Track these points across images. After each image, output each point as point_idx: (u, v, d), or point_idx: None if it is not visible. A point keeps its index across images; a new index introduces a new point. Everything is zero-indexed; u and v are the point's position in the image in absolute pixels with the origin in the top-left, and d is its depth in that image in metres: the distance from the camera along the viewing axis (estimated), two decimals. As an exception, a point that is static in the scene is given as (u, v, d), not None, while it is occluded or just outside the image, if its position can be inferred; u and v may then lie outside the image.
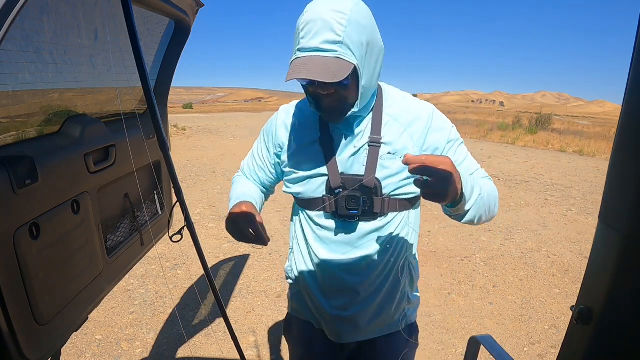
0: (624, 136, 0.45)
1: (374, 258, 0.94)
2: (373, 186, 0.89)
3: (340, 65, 0.76)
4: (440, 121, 0.93)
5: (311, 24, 0.77)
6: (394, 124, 0.91)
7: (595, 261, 0.51)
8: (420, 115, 0.92)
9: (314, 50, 0.77)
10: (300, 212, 1.02)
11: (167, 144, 1.07)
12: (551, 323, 2.61)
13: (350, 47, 0.77)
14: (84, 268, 1.07)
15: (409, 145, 0.90)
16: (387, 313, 0.99)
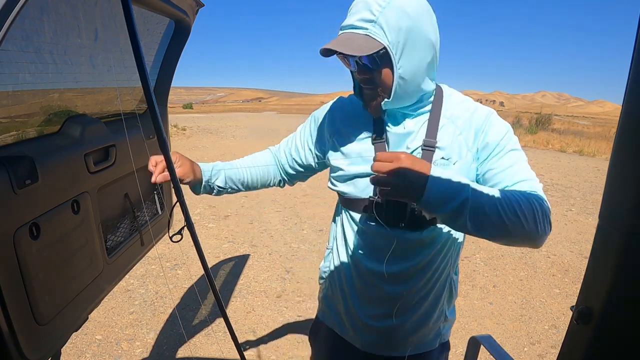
0: (624, 136, 0.45)
1: (417, 270, 0.89)
2: None
3: (367, 43, 0.75)
4: (495, 125, 0.86)
5: (354, 5, 0.79)
6: (450, 126, 0.86)
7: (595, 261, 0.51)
8: (477, 118, 0.86)
9: (349, 27, 0.78)
10: (344, 212, 0.97)
11: (167, 144, 1.07)
12: (551, 323, 2.61)
13: (384, 27, 0.75)
14: (84, 268, 1.07)
15: (463, 151, 0.85)
16: (423, 330, 0.95)
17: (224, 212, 4.74)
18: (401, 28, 0.75)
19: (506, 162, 0.83)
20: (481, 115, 0.87)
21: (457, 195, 0.69)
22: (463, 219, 0.69)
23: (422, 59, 0.80)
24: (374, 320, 0.93)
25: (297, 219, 4.51)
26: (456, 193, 0.69)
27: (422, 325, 0.94)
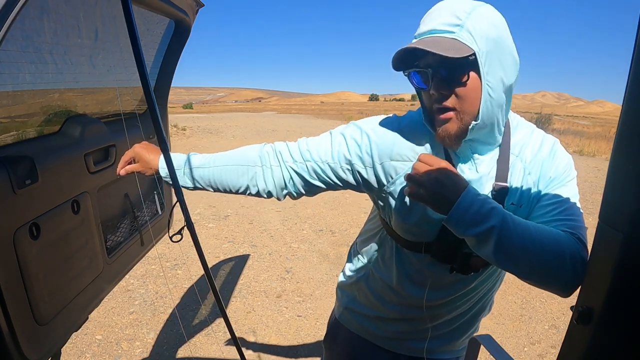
0: (624, 136, 0.45)
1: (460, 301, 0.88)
2: None
3: (456, 46, 0.64)
4: (559, 158, 0.78)
5: (433, 12, 0.68)
6: (518, 165, 0.76)
7: (595, 261, 0.51)
8: (542, 154, 0.77)
9: (429, 32, 0.66)
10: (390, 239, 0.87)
11: (167, 144, 1.07)
12: (551, 323, 2.61)
13: (472, 33, 0.64)
14: (84, 268, 1.07)
15: (532, 193, 0.76)
16: (456, 342, 0.97)
17: (224, 212, 4.74)
18: (489, 37, 0.65)
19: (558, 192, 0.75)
20: (547, 149, 0.78)
21: (484, 221, 0.63)
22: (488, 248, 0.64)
23: (508, 77, 0.69)
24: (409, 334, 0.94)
25: (297, 219, 4.50)
26: (484, 219, 0.63)
27: (454, 340, 0.96)
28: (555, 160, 0.77)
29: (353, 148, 0.79)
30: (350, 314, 1.01)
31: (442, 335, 0.94)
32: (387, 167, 0.77)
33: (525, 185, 0.76)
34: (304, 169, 0.82)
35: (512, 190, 0.75)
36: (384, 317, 0.94)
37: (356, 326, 1.00)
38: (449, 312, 0.90)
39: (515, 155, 0.77)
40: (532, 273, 0.66)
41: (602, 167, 8.61)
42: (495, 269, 0.86)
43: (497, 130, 0.73)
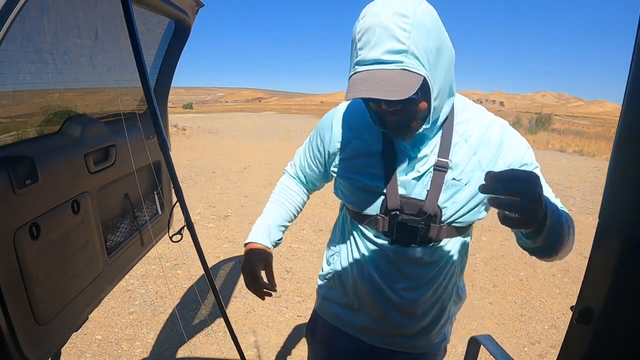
0: (623, 136, 0.45)
1: (424, 282, 0.89)
2: (433, 213, 0.81)
3: (408, 79, 0.66)
4: (513, 142, 0.82)
5: (369, 32, 0.66)
6: (464, 145, 0.81)
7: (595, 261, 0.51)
8: (492, 136, 0.81)
9: (375, 62, 0.67)
10: (352, 223, 0.94)
11: (167, 144, 1.07)
12: (551, 323, 2.61)
13: (417, 55, 0.66)
14: (84, 268, 1.07)
15: (475, 172, 0.80)
16: (430, 333, 0.96)
17: (224, 212, 4.74)
18: (431, 49, 0.68)
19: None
20: (496, 132, 0.82)
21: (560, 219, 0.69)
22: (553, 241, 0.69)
23: (448, 72, 0.74)
24: (382, 323, 0.93)
25: (297, 219, 4.49)
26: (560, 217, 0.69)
27: (429, 330, 0.95)
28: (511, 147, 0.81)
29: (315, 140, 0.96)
30: (326, 304, 1.03)
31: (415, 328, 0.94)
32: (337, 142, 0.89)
33: (469, 164, 0.80)
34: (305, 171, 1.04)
35: (454, 167, 0.80)
36: (355, 306, 0.96)
37: (332, 316, 1.02)
38: (414, 299, 0.90)
39: (460, 135, 0.81)
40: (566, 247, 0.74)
41: (602, 167, 8.61)
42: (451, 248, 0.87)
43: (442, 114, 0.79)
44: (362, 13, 0.69)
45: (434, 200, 0.80)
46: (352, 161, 0.87)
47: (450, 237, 0.85)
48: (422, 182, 0.81)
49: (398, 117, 0.73)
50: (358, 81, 0.67)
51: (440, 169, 0.80)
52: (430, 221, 0.82)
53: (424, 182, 0.81)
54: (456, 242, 0.88)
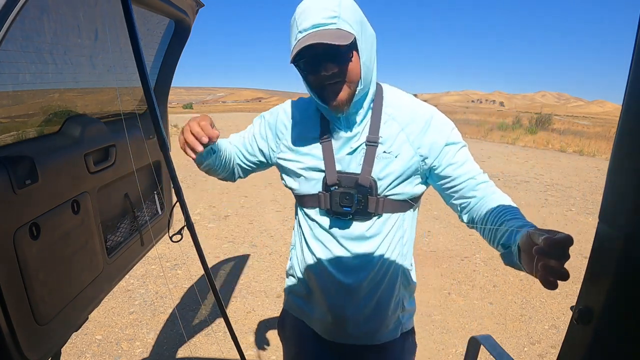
0: (624, 136, 0.45)
1: (367, 259, 0.93)
2: (368, 185, 0.89)
3: (342, 34, 0.78)
4: (440, 122, 0.91)
5: (306, 10, 0.80)
6: (392, 123, 0.91)
7: (595, 261, 0.50)
8: (419, 115, 0.91)
9: (313, 27, 0.78)
10: (299, 209, 1.02)
11: (167, 144, 1.07)
12: (551, 323, 2.61)
13: (348, 21, 0.79)
14: (84, 268, 1.07)
15: (404, 145, 0.89)
16: (381, 319, 0.97)
17: (224, 212, 4.74)
18: (357, 21, 0.81)
19: (459, 158, 0.90)
20: (425, 113, 0.92)
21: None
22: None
23: (372, 48, 0.87)
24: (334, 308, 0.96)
25: (297, 219, 4.50)
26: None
27: (380, 314, 0.97)
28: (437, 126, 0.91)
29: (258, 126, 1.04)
30: (290, 297, 1.08)
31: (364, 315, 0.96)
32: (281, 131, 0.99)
33: (398, 137, 0.90)
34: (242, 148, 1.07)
35: (383, 141, 0.90)
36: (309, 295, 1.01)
37: (296, 309, 1.07)
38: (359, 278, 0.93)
39: (388, 115, 0.92)
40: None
41: (602, 167, 8.61)
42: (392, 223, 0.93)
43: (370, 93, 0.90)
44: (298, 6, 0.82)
45: (367, 172, 0.88)
46: (295, 148, 0.96)
47: (391, 212, 0.92)
48: (356, 157, 0.90)
49: (335, 84, 0.82)
50: (301, 41, 0.78)
51: (371, 143, 0.89)
52: (367, 193, 0.89)
53: (358, 158, 0.90)
54: (397, 217, 0.93)
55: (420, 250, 3.74)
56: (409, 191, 0.91)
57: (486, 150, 10.71)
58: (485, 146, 11.79)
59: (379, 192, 0.90)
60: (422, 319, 2.60)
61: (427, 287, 3.04)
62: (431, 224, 4.41)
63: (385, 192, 0.90)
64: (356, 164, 0.90)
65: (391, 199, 0.91)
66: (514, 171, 7.72)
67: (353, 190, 0.88)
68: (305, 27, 0.79)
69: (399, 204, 0.92)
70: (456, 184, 0.90)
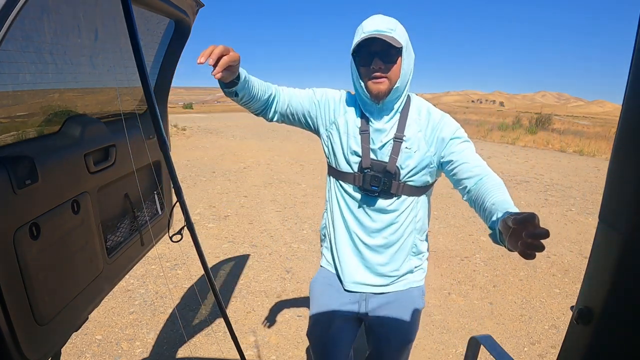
0: (624, 136, 0.45)
1: (386, 225, 1.20)
2: (393, 171, 1.15)
3: (395, 41, 1.04)
4: (448, 123, 1.16)
5: (371, 20, 1.07)
6: (414, 125, 1.16)
7: (595, 261, 0.51)
8: (433, 119, 1.17)
9: (376, 30, 1.04)
10: (335, 182, 1.26)
11: (167, 144, 1.07)
12: (551, 323, 2.61)
13: (400, 36, 1.06)
14: (84, 268, 1.07)
15: (421, 143, 1.15)
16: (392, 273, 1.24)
17: (224, 212, 4.74)
18: (406, 39, 1.09)
19: (461, 148, 1.13)
20: (436, 117, 1.17)
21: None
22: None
23: (410, 65, 1.12)
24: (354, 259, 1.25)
25: (297, 219, 4.51)
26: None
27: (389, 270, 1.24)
28: (445, 126, 1.15)
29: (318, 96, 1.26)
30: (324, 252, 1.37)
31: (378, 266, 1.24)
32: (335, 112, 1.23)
33: (417, 137, 1.15)
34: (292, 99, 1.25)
35: (406, 139, 1.15)
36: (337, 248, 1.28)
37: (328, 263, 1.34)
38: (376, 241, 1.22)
39: (412, 119, 1.17)
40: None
41: (602, 167, 8.61)
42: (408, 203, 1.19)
43: (401, 99, 1.16)
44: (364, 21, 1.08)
45: (393, 162, 1.14)
46: (344, 130, 1.21)
47: (408, 195, 1.18)
48: (386, 149, 1.16)
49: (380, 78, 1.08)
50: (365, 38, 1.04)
51: (397, 140, 1.15)
52: (392, 178, 1.15)
53: (387, 150, 1.16)
54: (412, 200, 1.19)
55: (420, 250, 3.74)
56: (422, 179, 1.17)
57: (486, 150, 10.71)
58: (486, 146, 11.80)
59: (400, 178, 1.16)
60: (422, 319, 2.60)
61: (427, 287, 3.03)
62: (431, 224, 4.40)
63: (404, 178, 1.16)
64: (385, 155, 1.16)
65: (409, 184, 1.17)
66: (514, 171, 7.72)
67: (381, 174, 1.14)
68: (369, 29, 1.05)
69: (414, 189, 1.18)
70: (455, 168, 1.11)
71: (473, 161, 1.10)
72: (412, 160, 1.14)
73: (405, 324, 1.28)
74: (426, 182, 1.18)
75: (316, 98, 1.24)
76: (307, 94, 1.25)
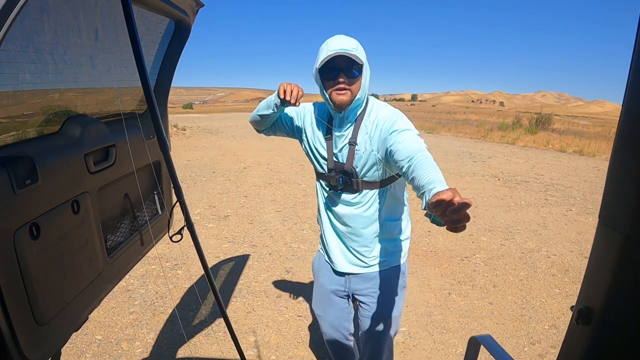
0: (624, 136, 0.45)
1: (354, 215, 1.42)
2: (350, 171, 1.35)
3: (357, 58, 1.22)
4: (389, 120, 1.28)
5: (336, 39, 1.24)
6: (364, 128, 1.33)
7: (595, 261, 0.51)
8: (379, 121, 1.30)
9: (340, 49, 1.21)
10: (317, 181, 1.50)
11: (167, 144, 1.07)
12: (551, 323, 2.61)
13: (361, 55, 1.24)
14: (84, 268, 1.07)
15: (367, 145, 1.31)
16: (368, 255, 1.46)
17: (224, 212, 4.74)
18: (365, 58, 1.27)
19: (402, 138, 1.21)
20: (382, 118, 1.30)
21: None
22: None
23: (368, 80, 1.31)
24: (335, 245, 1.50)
25: (297, 219, 4.51)
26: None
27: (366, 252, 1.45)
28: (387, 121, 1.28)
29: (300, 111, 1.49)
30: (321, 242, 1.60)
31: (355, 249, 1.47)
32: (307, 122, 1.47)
33: (365, 140, 1.32)
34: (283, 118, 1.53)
35: (359, 143, 1.33)
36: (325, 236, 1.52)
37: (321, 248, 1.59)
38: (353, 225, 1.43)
39: (364, 125, 1.33)
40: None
41: (602, 167, 8.61)
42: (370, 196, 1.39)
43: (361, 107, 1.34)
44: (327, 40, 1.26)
45: (349, 163, 1.34)
46: (312, 137, 1.44)
47: (368, 189, 1.37)
48: (343, 153, 1.36)
49: (343, 90, 1.25)
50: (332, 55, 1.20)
51: (351, 144, 1.33)
52: (350, 177, 1.35)
53: (345, 153, 1.35)
54: (374, 192, 1.38)
55: (420, 250, 3.74)
56: (375, 174, 1.35)
57: (486, 150, 10.71)
58: (486, 146, 11.79)
59: (358, 176, 1.35)
60: (422, 319, 2.60)
61: (427, 287, 3.04)
62: (431, 224, 4.41)
63: (361, 176, 1.35)
64: (343, 157, 1.36)
65: (365, 180, 1.36)
66: (514, 171, 7.72)
67: (341, 174, 1.36)
68: (335, 48, 1.21)
69: (372, 184, 1.37)
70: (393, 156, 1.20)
71: (407, 145, 1.16)
72: (363, 160, 1.32)
73: (383, 298, 1.48)
74: (382, 177, 1.35)
75: (297, 110, 1.48)
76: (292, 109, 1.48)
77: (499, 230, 4.32)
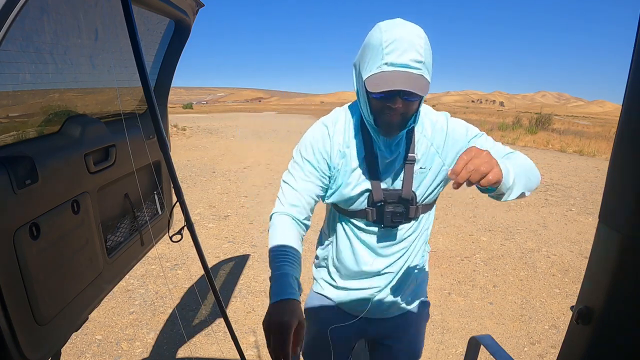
0: (624, 136, 0.45)
1: (408, 250, 1.11)
2: (410, 198, 1.02)
3: (424, 84, 0.85)
4: (455, 127, 1.02)
5: (397, 43, 0.83)
6: (423, 140, 1.02)
7: (595, 261, 0.51)
8: (440, 127, 1.02)
9: (403, 66, 0.84)
10: (340, 218, 1.11)
11: (167, 144, 1.07)
12: (551, 323, 2.61)
13: (429, 67, 0.86)
14: (84, 268, 1.07)
15: (435, 158, 1.02)
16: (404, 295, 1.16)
17: (224, 212, 4.74)
18: (431, 65, 0.88)
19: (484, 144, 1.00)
20: (442, 123, 1.02)
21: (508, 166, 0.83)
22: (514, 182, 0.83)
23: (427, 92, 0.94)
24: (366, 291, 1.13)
25: (297, 219, 4.50)
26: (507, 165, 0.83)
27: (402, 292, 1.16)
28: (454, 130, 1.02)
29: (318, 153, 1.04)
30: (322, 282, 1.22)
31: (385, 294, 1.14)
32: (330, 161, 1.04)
33: (429, 153, 1.01)
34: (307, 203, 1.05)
35: (420, 159, 1.01)
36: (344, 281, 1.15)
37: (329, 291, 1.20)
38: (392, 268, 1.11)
39: (419, 133, 1.02)
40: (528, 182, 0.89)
41: (602, 167, 8.61)
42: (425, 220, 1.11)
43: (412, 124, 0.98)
44: (385, 27, 0.85)
45: (409, 187, 1.01)
46: (345, 175, 1.02)
47: (425, 212, 1.09)
48: (397, 175, 1.01)
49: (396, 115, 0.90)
50: (388, 78, 0.84)
51: (409, 162, 1.00)
52: (409, 204, 1.02)
53: (399, 175, 1.01)
54: (427, 216, 1.11)
55: (420, 250, 3.74)
56: (437, 194, 1.07)
57: (486, 150, 10.71)
58: (485, 146, 11.80)
59: (418, 202, 1.03)
60: (422, 319, 2.60)
61: (428, 287, 3.04)
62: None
63: (421, 200, 1.04)
64: (397, 180, 1.02)
65: (425, 203, 1.06)
66: (514, 171, 7.72)
67: (400, 206, 1.01)
68: (394, 62, 0.83)
69: (431, 205, 1.09)
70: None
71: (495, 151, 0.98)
72: (427, 179, 1.02)
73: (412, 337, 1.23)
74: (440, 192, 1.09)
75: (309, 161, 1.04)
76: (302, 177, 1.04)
77: (499, 230, 4.32)
